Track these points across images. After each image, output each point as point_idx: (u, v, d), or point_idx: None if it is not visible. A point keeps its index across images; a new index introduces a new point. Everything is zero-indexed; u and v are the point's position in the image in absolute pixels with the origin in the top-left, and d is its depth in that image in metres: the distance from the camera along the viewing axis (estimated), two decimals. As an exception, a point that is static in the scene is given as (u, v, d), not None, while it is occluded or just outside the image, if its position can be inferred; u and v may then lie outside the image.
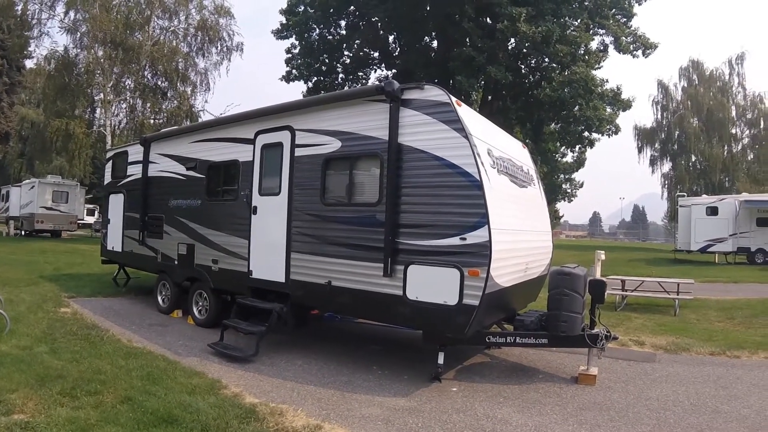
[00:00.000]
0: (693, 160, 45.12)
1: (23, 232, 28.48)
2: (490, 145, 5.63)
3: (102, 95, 27.23)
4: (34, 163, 42.95)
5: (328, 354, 6.54)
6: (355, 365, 6.06)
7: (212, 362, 6.03)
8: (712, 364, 6.51)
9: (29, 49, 32.03)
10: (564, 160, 42.14)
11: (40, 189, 27.10)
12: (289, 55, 30.37)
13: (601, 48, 26.40)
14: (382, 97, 5.55)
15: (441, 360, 5.48)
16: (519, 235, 5.89)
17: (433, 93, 5.34)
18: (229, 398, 4.71)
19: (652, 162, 47.64)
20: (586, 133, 26.16)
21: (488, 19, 24.92)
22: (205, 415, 4.18)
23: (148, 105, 28.61)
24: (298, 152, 6.51)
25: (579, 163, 43.36)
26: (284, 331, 6.83)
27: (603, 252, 13.69)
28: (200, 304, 8.18)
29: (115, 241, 10.85)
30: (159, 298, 9.22)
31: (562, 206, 61.78)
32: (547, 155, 33.36)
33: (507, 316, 6.32)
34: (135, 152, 10.28)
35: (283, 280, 6.50)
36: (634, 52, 25.52)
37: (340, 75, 31.03)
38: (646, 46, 25.30)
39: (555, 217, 62.74)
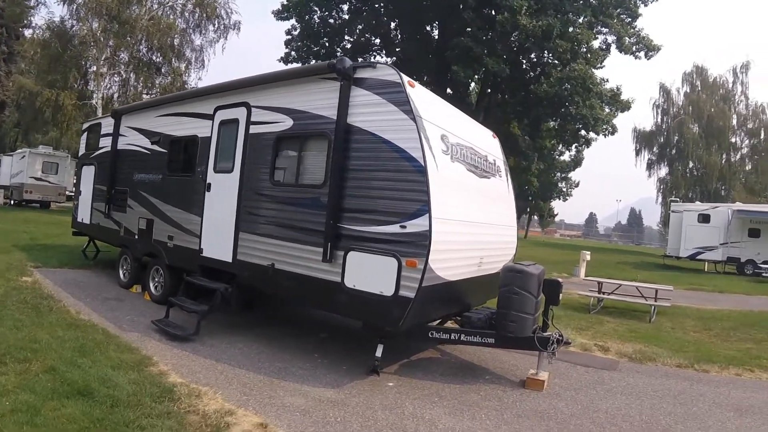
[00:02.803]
0: (690, 166, 45.01)
1: (12, 202, 28.29)
2: (446, 130, 5.38)
3: (95, 68, 26.88)
4: (30, 133, 42.76)
5: (274, 339, 6.35)
6: (297, 351, 5.88)
7: (152, 339, 5.88)
8: (676, 377, 6.13)
9: (29, 18, 31.59)
10: (561, 158, 41.94)
11: (30, 159, 26.82)
12: (289, 37, 29.94)
13: (603, 47, 26.00)
14: (334, 75, 5.31)
15: (379, 353, 5.23)
16: (471, 227, 5.64)
17: (385, 72, 5.09)
18: (153, 376, 4.59)
19: (650, 165, 47.62)
20: (582, 132, 25.79)
21: (492, 11, 24.48)
22: (121, 391, 4.10)
23: (141, 79, 28.25)
24: (253, 129, 6.27)
25: (576, 162, 43.21)
26: (230, 312, 6.65)
27: (588, 252, 13.48)
28: (156, 280, 8.02)
29: (84, 213, 10.70)
30: (120, 272, 9.08)
31: (557, 205, 61.68)
32: (543, 152, 33.08)
33: (461, 311, 6.06)
34: (107, 124, 10.10)
35: (230, 260, 6.30)
36: (637, 53, 25.13)
37: (340, 60, 30.53)
38: (649, 48, 24.93)
39: (549, 215, 62.67)
